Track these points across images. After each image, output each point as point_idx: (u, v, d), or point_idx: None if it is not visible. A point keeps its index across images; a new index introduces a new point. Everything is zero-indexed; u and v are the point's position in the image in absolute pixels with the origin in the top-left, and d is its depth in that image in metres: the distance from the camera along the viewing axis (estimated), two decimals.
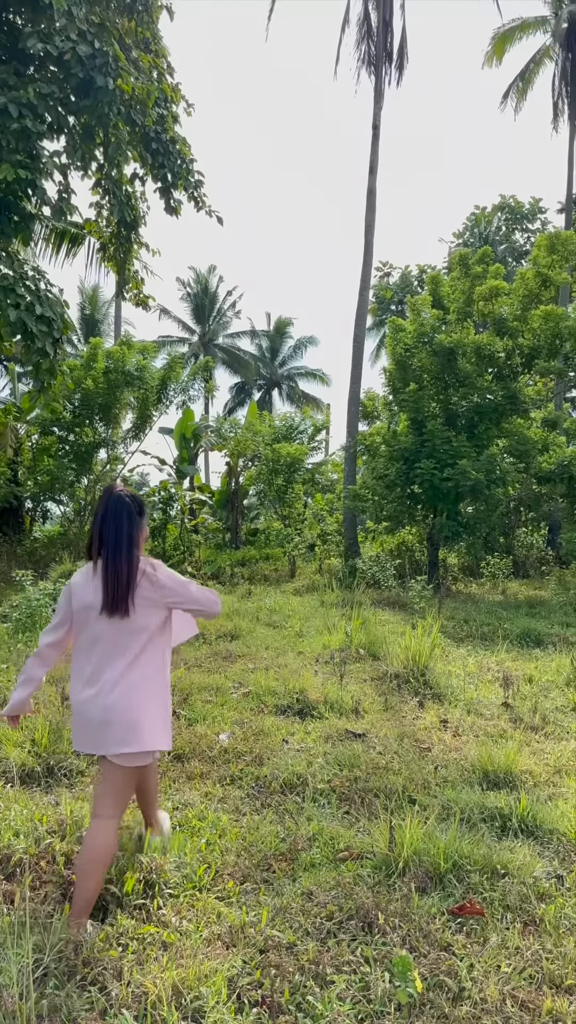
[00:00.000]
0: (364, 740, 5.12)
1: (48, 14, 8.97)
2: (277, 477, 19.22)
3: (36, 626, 8.19)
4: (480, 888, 3.23)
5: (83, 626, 3.03)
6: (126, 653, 2.98)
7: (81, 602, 3.02)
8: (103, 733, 2.93)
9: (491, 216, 37.44)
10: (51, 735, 4.65)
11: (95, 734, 2.96)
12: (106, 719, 2.92)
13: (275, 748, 4.90)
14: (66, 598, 3.10)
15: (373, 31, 18.83)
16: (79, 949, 2.64)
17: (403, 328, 15.35)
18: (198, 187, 11.62)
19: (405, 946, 2.81)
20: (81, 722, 2.99)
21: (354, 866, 3.38)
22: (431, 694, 6.34)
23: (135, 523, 3.05)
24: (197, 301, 46.86)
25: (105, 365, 16.79)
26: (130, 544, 3.00)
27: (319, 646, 8.26)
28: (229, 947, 2.77)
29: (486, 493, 13.55)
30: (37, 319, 9.00)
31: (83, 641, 3.04)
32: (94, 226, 12.39)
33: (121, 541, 2.99)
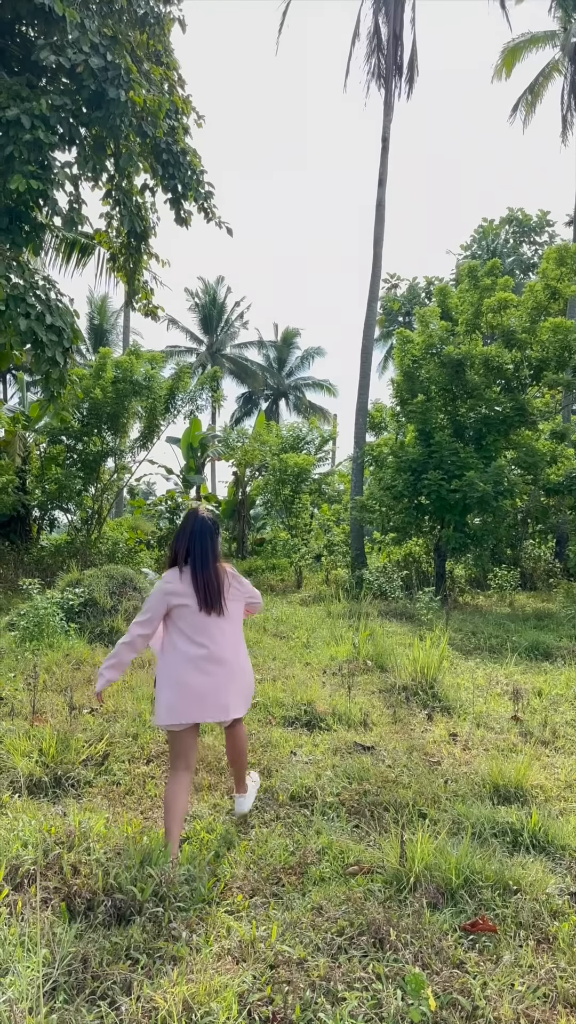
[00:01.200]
0: (373, 753, 5.08)
1: (61, 27, 9.05)
2: (284, 487, 19.22)
3: (43, 634, 8.18)
4: (492, 904, 3.19)
5: (182, 620, 3.68)
6: (228, 639, 3.72)
7: (178, 601, 3.66)
8: (208, 704, 3.61)
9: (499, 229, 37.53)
10: (59, 745, 4.63)
11: (194, 706, 3.60)
12: (215, 690, 3.62)
13: (283, 760, 4.87)
14: (158, 598, 3.67)
15: (383, 45, 18.95)
16: (87, 963, 2.61)
17: (411, 339, 15.37)
18: (208, 198, 11.69)
19: (417, 963, 2.77)
20: (185, 696, 3.59)
21: (364, 880, 3.34)
22: (440, 707, 6.30)
23: (216, 540, 3.78)
24: (205, 312, 47.07)
25: (113, 375, 16.84)
26: (215, 558, 3.73)
27: (326, 657, 8.23)
28: (239, 962, 2.74)
29: (494, 505, 13.52)
30: (47, 328, 9.04)
31: (186, 631, 3.67)
32: (104, 236, 12.46)
33: (208, 556, 3.71)
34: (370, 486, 16.71)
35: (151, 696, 6.23)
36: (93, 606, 9.17)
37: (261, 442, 20.14)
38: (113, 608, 9.24)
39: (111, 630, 8.86)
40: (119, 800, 4.20)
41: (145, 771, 4.62)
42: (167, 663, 3.68)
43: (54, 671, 7.12)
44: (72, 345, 9.59)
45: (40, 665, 7.10)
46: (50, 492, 16.86)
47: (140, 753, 4.92)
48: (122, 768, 4.65)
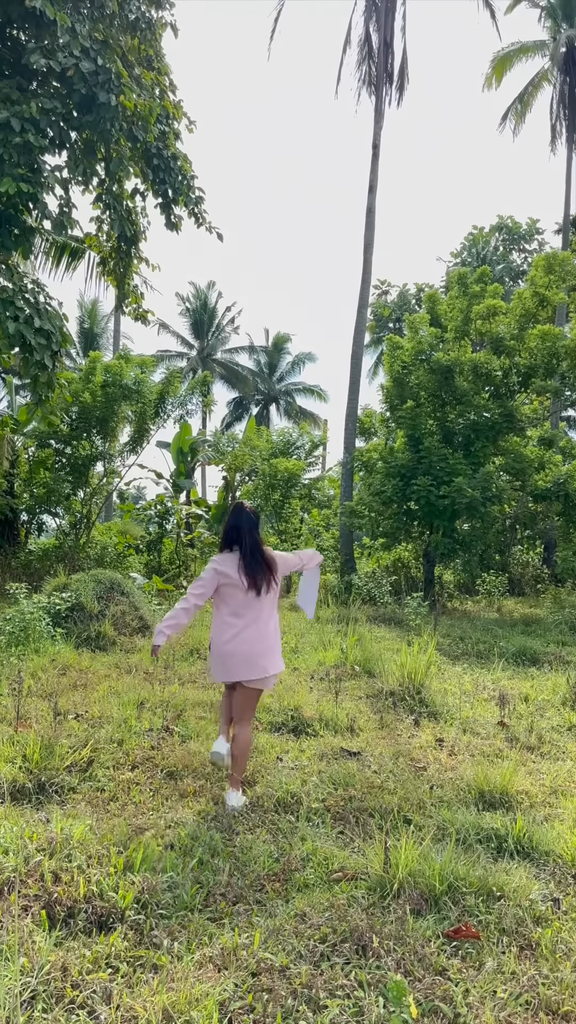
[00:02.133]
0: (359, 759, 5.07)
1: (52, 30, 9.04)
2: (274, 492, 19.22)
3: (29, 639, 8.13)
4: (476, 911, 3.18)
5: (230, 597, 4.41)
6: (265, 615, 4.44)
7: (228, 581, 4.37)
8: (251, 666, 4.35)
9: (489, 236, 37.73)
10: (43, 751, 4.60)
11: (241, 667, 4.36)
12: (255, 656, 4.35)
13: (269, 766, 4.86)
14: (212, 575, 4.39)
15: (374, 52, 19.04)
16: (67, 971, 2.59)
17: (401, 346, 15.41)
18: (198, 203, 11.69)
19: (400, 970, 2.76)
20: (231, 660, 4.35)
21: (348, 887, 3.33)
22: (427, 712, 6.30)
23: (260, 530, 4.57)
24: (196, 316, 47.06)
25: (103, 379, 16.79)
26: (260, 546, 4.46)
27: (314, 662, 8.22)
28: (221, 970, 2.72)
29: (482, 510, 13.56)
30: (36, 332, 9.01)
31: (232, 607, 4.41)
32: (94, 240, 12.44)
33: (256, 545, 4.44)
34: (360, 491, 16.74)
35: (137, 702, 6.21)
36: (80, 611, 9.13)
37: (251, 447, 20.14)
38: (100, 613, 9.20)
39: (98, 635, 8.83)
40: (103, 806, 4.17)
41: (130, 777, 4.60)
42: (216, 633, 4.47)
43: (40, 676, 7.08)
44: (61, 349, 9.56)
45: (25, 670, 7.06)
46: (38, 496, 16.79)
47: (125, 759, 4.90)
48: (107, 774, 4.62)
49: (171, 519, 18.97)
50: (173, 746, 5.19)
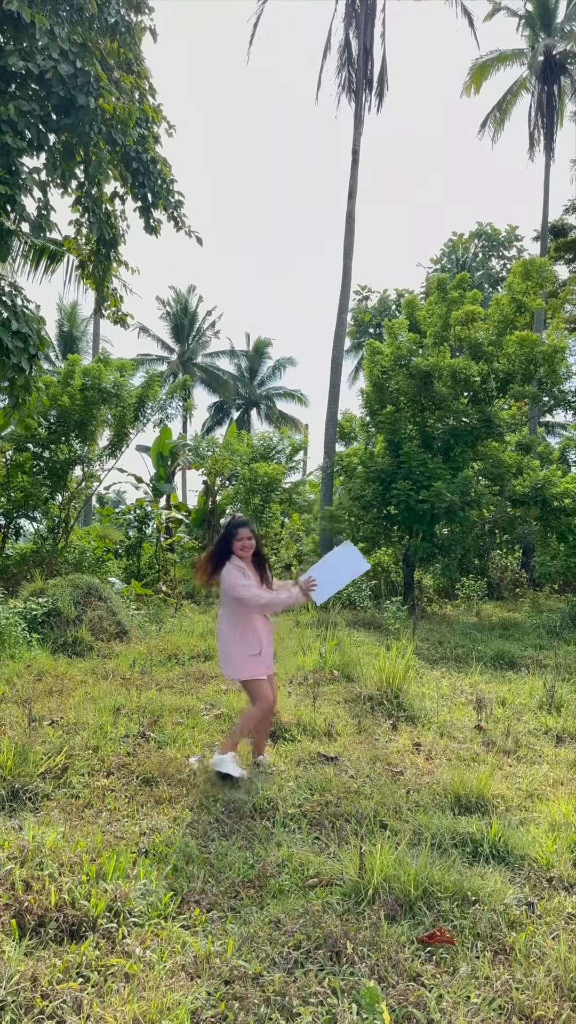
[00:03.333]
0: (336, 763, 5.06)
1: (30, 33, 8.99)
2: (254, 496, 19.19)
3: (4, 645, 8.05)
4: (450, 916, 3.18)
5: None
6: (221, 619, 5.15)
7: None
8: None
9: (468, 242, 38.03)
10: (16, 757, 4.55)
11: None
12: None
13: (246, 771, 4.82)
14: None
15: (354, 59, 19.14)
16: (37, 981, 2.55)
17: (380, 351, 15.47)
18: (178, 207, 11.66)
19: (373, 976, 2.75)
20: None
21: (323, 893, 3.32)
22: (404, 716, 6.30)
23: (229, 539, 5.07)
24: (176, 320, 46.96)
25: (82, 382, 16.70)
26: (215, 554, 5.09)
27: (293, 667, 8.20)
28: (193, 978, 2.70)
29: (461, 515, 13.63)
30: (13, 335, 8.94)
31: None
32: (73, 243, 12.37)
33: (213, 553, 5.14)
34: (340, 496, 16.77)
35: (113, 708, 6.16)
36: (57, 616, 9.05)
37: (232, 451, 20.10)
38: (78, 618, 9.13)
39: (75, 640, 8.76)
40: (77, 813, 4.13)
41: (105, 784, 4.56)
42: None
43: (15, 682, 7.01)
44: (39, 352, 9.49)
45: (0, 676, 6.99)
46: (16, 500, 16.64)
47: (100, 766, 4.85)
48: (81, 781, 4.58)
49: (151, 524, 18.88)
50: (149, 752, 5.16)
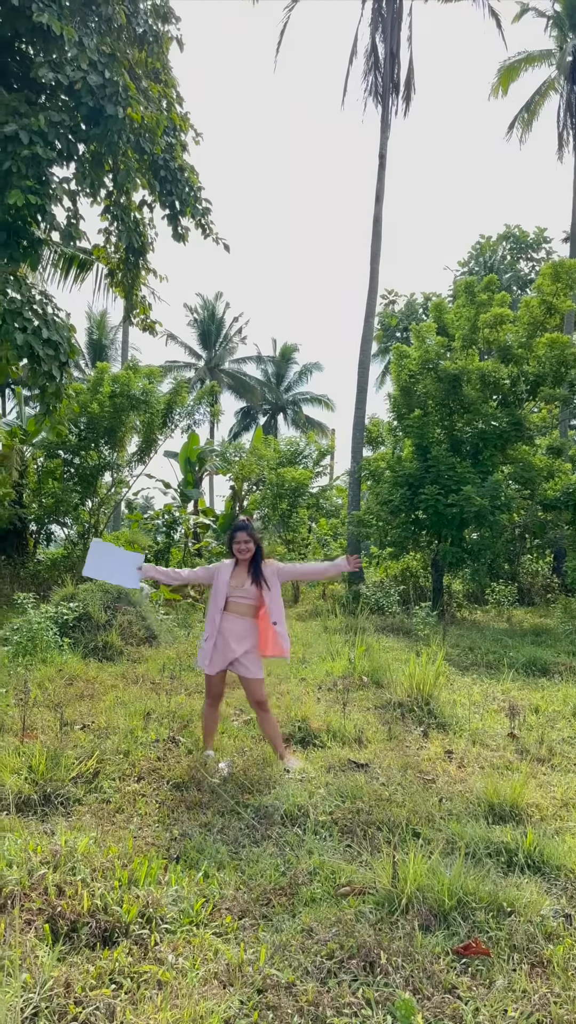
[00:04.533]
0: (367, 771, 5.02)
1: (59, 44, 9.11)
2: (281, 501, 19.20)
3: (36, 649, 8.12)
4: (486, 927, 3.13)
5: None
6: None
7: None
8: None
9: (496, 245, 37.76)
10: (49, 761, 4.57)
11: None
12: None
13: (276, 778, 4.81)
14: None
15: (380, 63, 19.12)
16: (70, 987, 2.55)
17: (408, 355, 15.40)
18: (205, 214, 11.73)
19: (408, 988, 2.71)
20: None
21: (356, 902, 3.28)
22: (435, 724, 6.24)
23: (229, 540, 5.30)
24: (204, 327, 47.25)
25: (111, 389, 16.85)
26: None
27: (322, 673, 8.17)
28: (226, 986, 2.68)
29: (491, 519, 13.49)
30: (44, 343, 9.03)
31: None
32: (102, 252, 12.50)
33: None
34: (367, 500, 16.71)
35: (143, 712, 6.18)
36: (87, 621, 9.12)
37: (259, 456, 20.14)
38: (107, 623, 9.18)
39: (105, 645, 8.81)
40: (108, 818, 4.13)
41: (136, 789, 4.56)
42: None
43: (46, 686, 7.06)
44: (69, 360, 9.58)
45: (32, 680, 7.04)
46: (47, 506, 16.83)
47: (131, 771, 4.86)
48: (112, 785, 4.59)
49: (179, 528, 18.98)
50: (179, 757, 5.16)
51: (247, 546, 5.18)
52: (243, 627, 5.17)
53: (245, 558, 5.20)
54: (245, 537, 5.18)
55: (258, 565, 5.20)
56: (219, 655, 5.15)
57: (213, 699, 5.32)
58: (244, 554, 5.18)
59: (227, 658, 5.14)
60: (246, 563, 5.22)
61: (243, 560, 5.22)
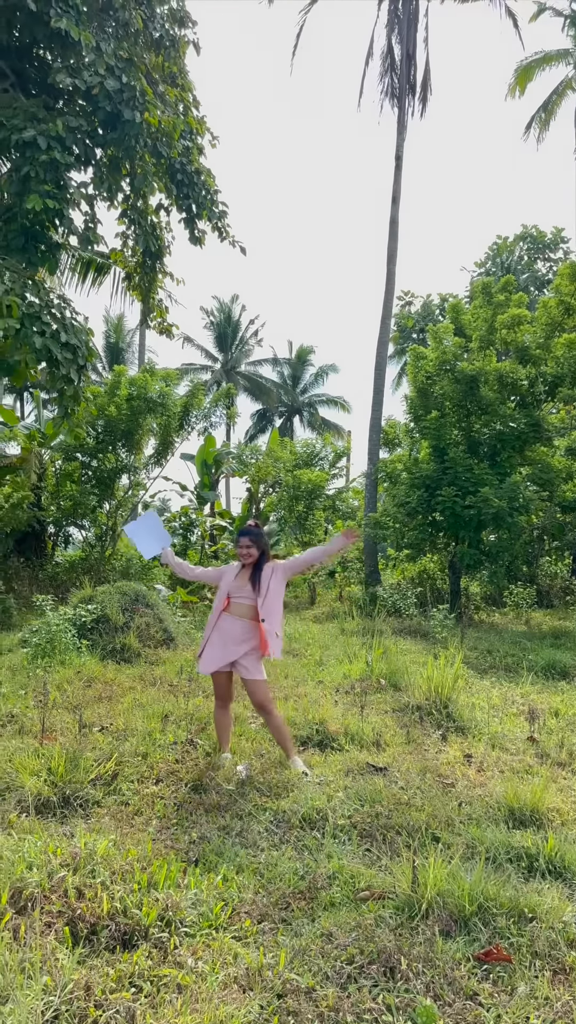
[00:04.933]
0: (386, 774, 5.00)
1: (77, 50, 9.17)
2: (298, 503, 19.19)
3: (55, 651, 8.16)
4: (507, 933, 3.10)
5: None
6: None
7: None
8: None
9: (513, 245, 37.56)
10: (68, 763, 4.59)
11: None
12: None
13: (294, 781, 4.80)
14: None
15: (396, 64, 19.09)
16: (90, 990, 2.56)
17: (425, 356, 15.34)
18: (222, 217, 11.77)
19: (429, 994, 2.69)
20: None
21: (375, 906, 3.27)
22: (454, 727, 6.20)
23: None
24: (220, 330, 47.36)
25: (128, 392, 16.93)
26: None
27: (339, 675, 8.15)
28: (246, 991, 2.67)
29: (509, 521, 13.40)
30: (62, 346, 9.08)
31: None
32: (120, 255, 12.56)
33: None
34: (384, 502, 16.66)
35: (161, 714, 6.19)
36: (105, 623, 9.15)
37: (275, 458, 20.15)
38: (125, 625, 9.21)
39: (123, 647, 8.84)
40: (127, 820, 4.14)
41: (154, 791, 4.57)
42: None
43: (65, 688, 7.09)
44: (87, 363, 9.63)
45: (51, 682, 7.08)
46: (65, 508, 16.92)
47: (149, 773, 4.87)
48: (131, 788, 4.60)
49: (195, 531, 19.02)
50: (197, 759, 5.16)
51: (249, 551, 5.22)
52: (242, 628, 5.17)
53: (248, 563, 5.25)
54: (247, 542, 5.23)
55: (259, 569, 5.23)
56: (215, 655, 5.17)
57: (222, 701, 5.32)
58: (247, 559, 5.24)
59: (226, 658, 5.15)
60: (250, 567, 5.26)
61: (247, 565, 5.27)
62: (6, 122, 8.88)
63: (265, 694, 5.15)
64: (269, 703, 5.14)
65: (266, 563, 5.26)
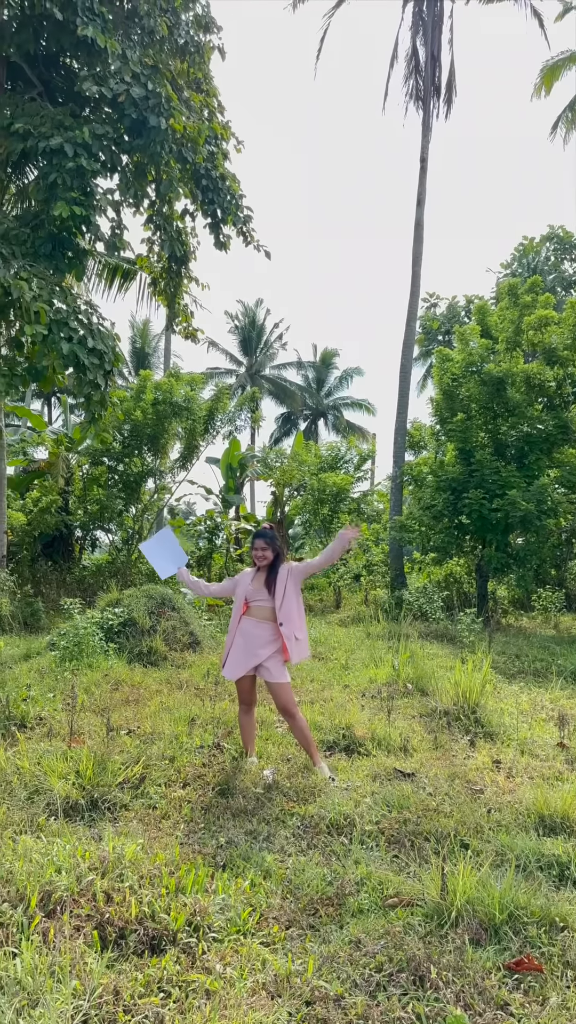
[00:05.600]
0: (413, 780, 4.96)
1: (103, 58, 9.25)
2: (322, 507, 19.16)
3: (82, 654, 8.22)
4: (538, 942, 3.05)
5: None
6: None
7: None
8: None
9: (539, 246, 37.22)
10: (96, 767, 4.61)
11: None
12: None
13: (321, 786, 4.78)
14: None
15: (421, 66, 19.02)
16: (119, 995, 2.56)
17: (451, 358, 15.25)
18: (247, 222, 11.81)
19: (459, 1003, 2.66)
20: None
21: (404, 913, 3.24)
22: (482, 732, 6.14)
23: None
24: (244, 334, 47.49)
25: (154, 396, 17.03)
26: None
27: (365, 680, 8.11)
28: (274, 997, 2.66)
29: (537, 524, 13.27)
30: (89, 352, 9.17)
31: None
32: (145, 261, 12.65)
33: None
34: (409, 505, 16.57)
35: (188, 718, 6.20)
36: (132, 626, 9.20)
37: (299, 462, 20.14)
38: (152, 628, 9.25)
39: (150, 650, 8.87)
40: (155, 824, 4.15)
41: (182, 795, 4.57)
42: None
43: (93, 691, 7.13)
44: (113, 368, 9.72)
45: (79, 685, 7.13)
46: (92, 512, 17.06)
47: (177, 776, 4.88)
48: (158, 791, 4.61)
49: (221, 534, 19.06)
50: (224, 763, 5.16)
51: (263, 553, 5.22)
52: (264, 631, 5.16)
53: (262, 565, 5.24)
54: (262, 544, 5.23)
55: (274, 571, 5.22)
56: (240, 659, 5.16)
57: (246, 705, 5.31)
58: (261, 561, 5.23)
59: (249, 663, 5.13)
60: (265, 569, 5.26)
61: (261, 567, 5.26)
62: (34, 130, 8.99)
63: (289, 697, 5.12)
64: (293, 707, 5.12)
65: (281, 565, 5.26)
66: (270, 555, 5.23)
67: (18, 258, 8.89)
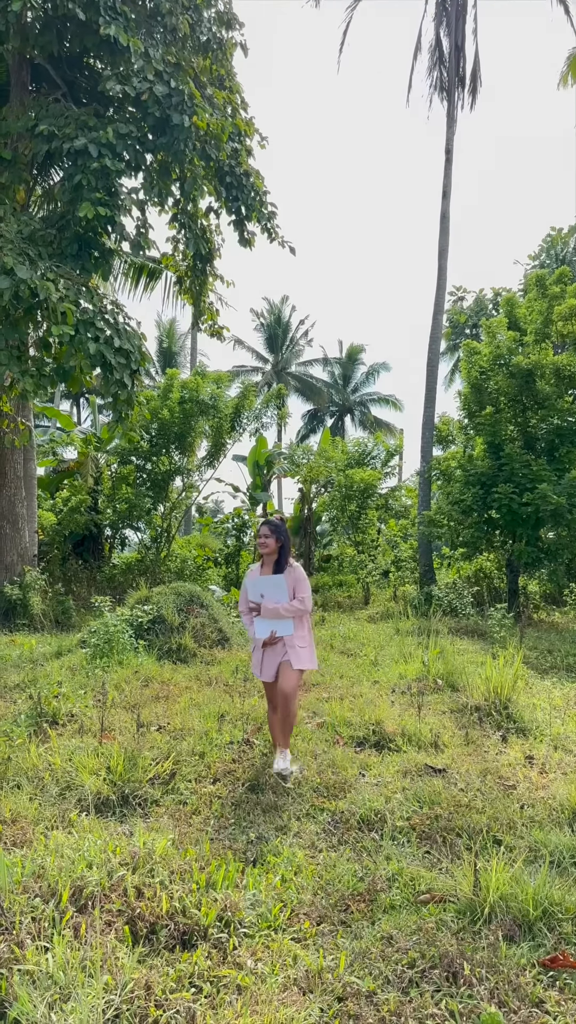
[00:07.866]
0: (445, 776, 4.91)
1: (126, 56, 9.29)
2: (350, 503, 19.09)
3: (113, 652, 8.27)
4: (573, 939, 3.00)
5: None
6: None
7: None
8: None
9: (567, 237, 36.72)
10: (126, 762, 4.63)
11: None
12: None
13: (351, 782, 4.75)
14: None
15: (445, 57, 18.84)
16: (151, 990, 2.56)
17: (478, 351, 15.09)
18: (271, 219, 11.79)
19: (494, 1000, 2.62)
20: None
21: (436, 910, 3.20)
22: (515, 728, 6.07)
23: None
24: (270, 331, 47.49)
25: (180, 395, 17.09)
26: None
27: (395, 675, 8.06)
28: (306, 993, 2.64)
29: (568, 518, 13.09)
30: (116, 351, 9.21)
31: None
32: (171, 260, 12.69)
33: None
34: (438, 500, 16.45)
35: (218, 714, 6.21)
36: (161, 623, 9.24)
37: (326, 458, 20.09)
38: (181, 626, 9.29)
39: (179, 647, 8.91)
40: (185, 820, 4.16)
41: (212, 791, 4.58)
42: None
43: (123, 688, 7.18)
44: (140, 367, 9.76)
45: (109, 682, 7.17)
46: (121, 511, 17.18)
47: (207, 772, 4.89)
48: (188, 787, 4.62)
49: (248, 532, 19.09)
50: (254, 759, 5.16)
51: (267, 540, 5.06)
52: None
53: (266, 552, 5.09)
54: (266, 531, 5.07)
55: (281, 564, 5.09)
56: (269, 659, 5.10)
57: (273, 704, 5.24)
58: (264, 548, 5.07)
59: (276, 660, 5.06)
60: (271, 562, 5.13)
61: (267, 557, 5.13)
62: (58, 132, 9.05)
63: (295, 683, 4.98)
64: (293, 692, 4.96)
65: (287, 560, 5.10)
66: (272, 543, 5.06)
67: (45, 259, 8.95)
